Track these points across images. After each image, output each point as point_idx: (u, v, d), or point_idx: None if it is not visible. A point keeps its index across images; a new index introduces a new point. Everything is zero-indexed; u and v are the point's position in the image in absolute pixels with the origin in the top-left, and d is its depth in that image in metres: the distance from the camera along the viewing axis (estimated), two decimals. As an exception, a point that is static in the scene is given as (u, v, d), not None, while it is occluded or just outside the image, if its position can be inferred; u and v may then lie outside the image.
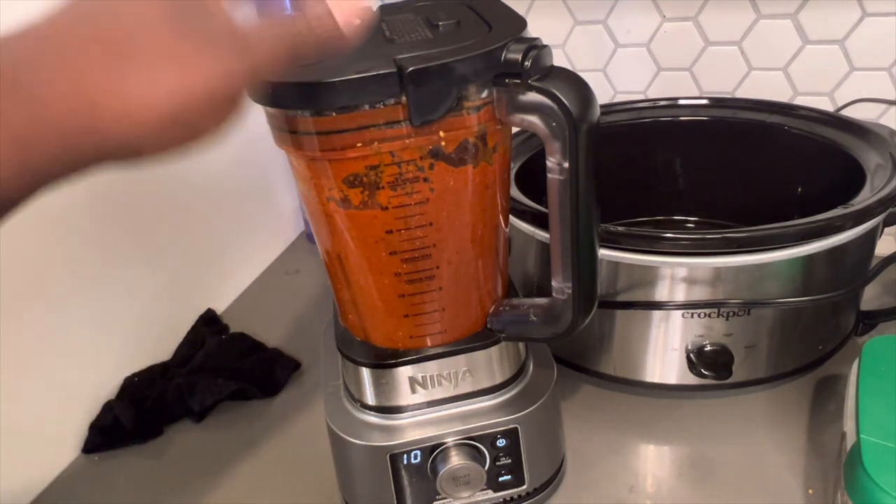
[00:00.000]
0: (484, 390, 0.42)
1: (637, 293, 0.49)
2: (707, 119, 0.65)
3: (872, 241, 0.52)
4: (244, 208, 0.76)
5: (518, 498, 0.44)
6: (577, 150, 0.32)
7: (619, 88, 0.75)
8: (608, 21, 0.71)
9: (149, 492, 0.51)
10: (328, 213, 0.35)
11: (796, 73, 0.67)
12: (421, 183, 0.34)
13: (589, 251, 0.36)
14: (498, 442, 0.42)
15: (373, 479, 0.42)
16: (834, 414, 0.50)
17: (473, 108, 0.32)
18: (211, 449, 0.55)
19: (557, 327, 0.38)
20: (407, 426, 0.41)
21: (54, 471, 0.53)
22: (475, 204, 0.36)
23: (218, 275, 0.72)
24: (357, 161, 0.33)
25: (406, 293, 0.38)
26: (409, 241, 0.35)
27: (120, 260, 0.58)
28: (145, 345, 0.62)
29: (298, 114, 0.32)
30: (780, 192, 0.62)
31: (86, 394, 0.56)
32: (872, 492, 0.36)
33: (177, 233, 0.65)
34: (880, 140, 0.55)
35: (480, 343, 0.40)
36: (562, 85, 0.31)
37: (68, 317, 0.54)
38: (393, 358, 0.40)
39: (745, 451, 0.49)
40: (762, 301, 0.48)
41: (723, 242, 0.46)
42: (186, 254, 0.67)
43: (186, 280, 0.67)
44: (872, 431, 0.39)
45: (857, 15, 0.63)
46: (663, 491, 0.47)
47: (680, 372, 0.51)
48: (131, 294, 0.60)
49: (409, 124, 0.31)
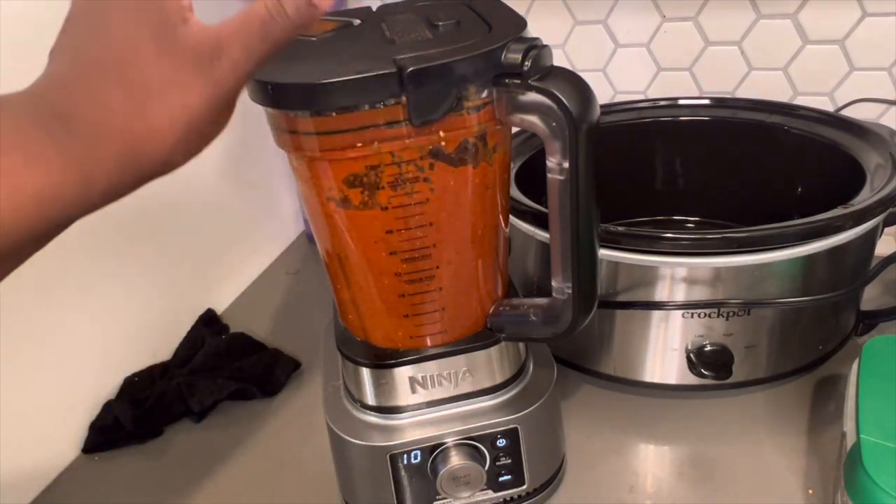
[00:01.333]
0: (484, 390, 0.42)
1: (637, 293, 0.49)
2: (707, 119, 0.65)
3: (872, 241, 0.52)
4: (244, 208, 0.76)
5: (518, 498, 0.44)
6: (577, 150, 0.32)
7: (619, 88, 0.75)
8: (608, 21, 0.71)
9: (149, 492, 0.51)
10: (328, 213, 0.35)
11: (796, 73, 0.67)
12: (421, 183, 0.34)
13: (589, 251, 0.35)
14: (498, 442, 0.42)
15: (373, 480, 0.42)
16: (834, 414, 0.50)
17: (473, 108, 0.32)
18: (211, 449, 0.55)
19: (557, 327, 0.38)
20: (407, 426, 0.41)
21: (54, 471, 0.53)
22: (475, 204, 0.36)
23: (218, 275, 0.72)
24: (357, 161, 0.33)
25: (406, 293, 0.38)
26: (408, 241, 0.35)
27: (120, 260, 0.58)
28: (145, 345, 0.62)
29: (298, 114, 0.32)
30: (780, 192, 0.62)
31: (86, 394, 0.56)
32: (872, 492, 0.36)
33: (177, 233, 0.65)
34: (880, 140, 0.55)
35: (480, 343, 0.40)
36: (562, 85, 0.31)
37: (68, 317, 0.54)
38: (393, 358, 0.40)
39: (745, 451, 0.49)
40: (762, 301, 0.48)
41: (723, 242, 0.46)
42: (186, 254, 0.67)
43: (186, 280, 0.67)
44: (872, 431, 0.39)
45: (857, 15, 0.63)
46: (663, 491, 0.47)
47: (680, 372, 0.51)
48: (131, 294, 0.60)
49: (409, 124, 0.31)
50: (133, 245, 0.60)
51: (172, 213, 0.64)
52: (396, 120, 0.31)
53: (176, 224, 0.65)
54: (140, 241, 0.61)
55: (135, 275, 0.60)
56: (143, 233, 0.61)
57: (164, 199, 0.63)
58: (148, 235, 0.62)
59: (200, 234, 0.68)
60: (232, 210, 0.73)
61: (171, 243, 0.64)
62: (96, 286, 0.56)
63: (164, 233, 0.63)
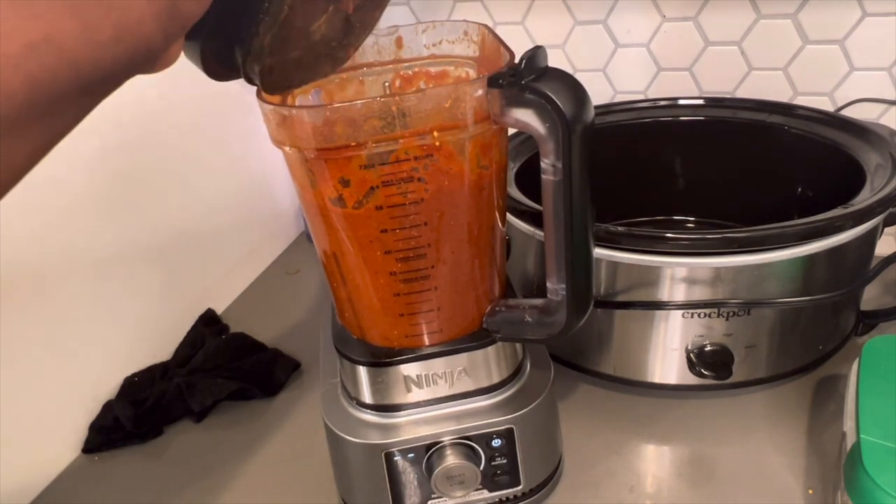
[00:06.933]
0: (480, 390, 0.42)
1: (637, 293, 0.49)
2: (707, 119, 0.65)
3: (872, 241, 0.52)
4: (244, 208, 0.76)
5: (514, 498, 0.44)
6: (571, 151, 0.32)
7: (619, 88, 0.75)
8: (608, 21, 0.71)
9: (149, 492, 0.51)
10: (324, 212, 0.35)
11: (796, 73, 0.67)
12: (416, 183, 0.34)
13: (583, 252, 0.35)
14: (493, 442, 0.42)
15: (369, 477, 0.42)
16: (834, 414, 0.50)
17: (468, 109, 0.32)
18: (211, 449, 0.55)
19: (552, 328, 0.38)
20: (403, 425, 0.41)
21: (54, 471, 0.54)
22: (470, 204, 0.36)
23: (218, 275, 0.72)
24: (352, 160, 0.33)
25: (402, 292, 0.38)
26: (404, 240, 0.36)
27: (120, 260, 0.59)
28: (145, 345, 0.62)
29: (294, 112, 0.32)
30: (780, 192, 0.62)
31: (86, 394, 0.56)
32: (872, 492, 0.36)
33: (177, 233, 0.65)
34: (880, 140, 0.55)
35: (476, 343, 0.40)
36: (556, 86, 0.31)
37: (68, 316, 0.54)
38: (389, 357, 0.40)
39: (745, 451, 0.49)
40: (762, 301, 0.48)
41: (723, 242, 0.46)
42: (186, 254, 0.67)
43: (186, 280, 0.67)
44: (872, 431, 0.39)
45: (857, 15, 0.63)
46: (663, 491, 0.46)
47: (680, 372, 0.51)
48: (131, 294, 0.60)
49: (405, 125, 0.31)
50: (133, 245, 0.60)
51: (173, 212, 0.65)
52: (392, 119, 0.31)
53: (176, 224, 0.65)
54: (140, 240, 0.61)
55: (135, 275, 0.61)
56: (143, 233, 0.61)
57: (165, 198, 0.64)
58: (148, 235, 0.62)
59: (200, 234, 0.69)
60: (232, 210, 0.74)
61: (172, 243, 0.65)
62: (96, 286, 0.56)
63: (164, 233, 0.64)
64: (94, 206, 0.56)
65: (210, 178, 0.70)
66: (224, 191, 0.72)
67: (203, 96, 0.67)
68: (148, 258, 0.62)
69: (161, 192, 0.63)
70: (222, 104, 0.70)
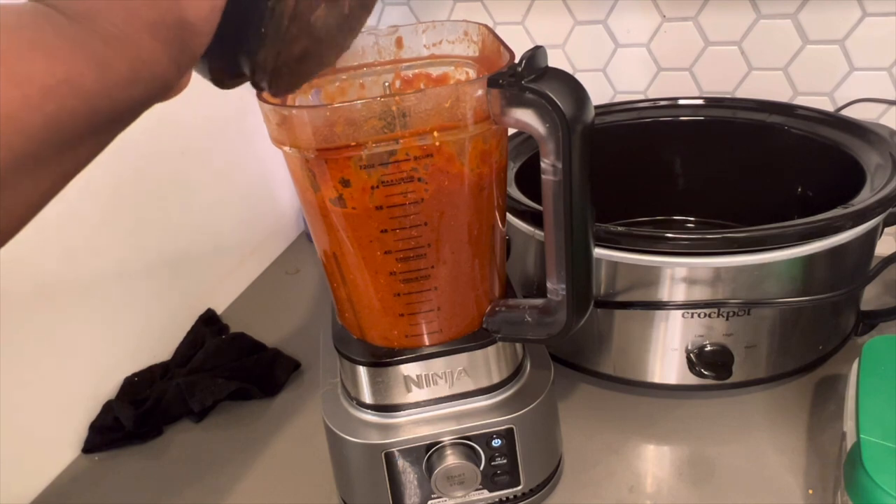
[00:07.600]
0: (480, 390, 0.42)
1: (637, 293, 0.49)
2: (707, 119, 0.65)
3: (872, 241, 0.52)
4: (244, 208, 0.76)
5: (514, 498, 0.44)
6: (571, 151, 0.32)
7: (619, 88, 0.75)
8: (608, 21, 0.71)
9: (149, 492, 0.51)
10: (324, 212, 0.35)
11: (796, 73, 0.67)
12: (416, 183, 0.34)
13: (583, 252, 0.35)
14: (493, 442, 0.42)
15: (369, 477, 0.42)
16: (834, 414, 0.50)
17: (468, 109, 0.32)
18: (211, 449, 0.55)
19: (552, 329, 0.38)
20: (403, 425, 0.41)
21: (54, 471, 0.54)
22: (470, 204, 0.36)
23: (218, 275, 0.72)
24: (352, 160, 0.33)
25: (401, 292, 0.38)
26: (403, 240, 0.36)
27: (120, 260, 0.59)
28: (145, 345, 0.62)
29: (294, 112, 0.32)
30: (780, 192, 0.62)
31: (86, 394, 0.56)
32: (872, 492, 0.36)
33: (177, 233, 0.65)
34: (880, 140, 0.55)
35: (476, 343, 0.40)
36: (555, 86, 0.31)
37: (68, 317, 0.54)
38: (389, 356, 0.40)
39: (745, 451, 0.49)
40: (762, 301, 0.48)
41: (723, 242, 0.46)
42: (186, 254, 0.67)
43: (186, 280, 0.67)
44: (872, 431, 0.39)
45: (857, 15, 0.63)
46: (663, 491, 0.46)
47: (680, 372, 0.51)
48: (131, 294, 0.60)
49: (405, 125, 0.31)
50: (133, 245, 0.60)
51: (173, 213, 0.65)
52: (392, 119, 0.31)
53: (176, 224, 0.65)
54: (140, 240, 0.61)
55: (135, 275, 0.60)
56: (143, 233, 0.61)
57: (165, 199, 0.64)
58: (148, 235, 0.62)
59: (200, 234, 0.69)
60: (232, 210, 0.74)
61: (172, 243, 0.65)
62: (96, 286, 0.56)
63: (164, 233, 0.64)
64: (95, 206, 0.56)
65: (210, 178, 0.70)
66: (224, 191, 0.72)
67: (203, 96, 0.66)
68: (148, 258, 0.62)
69: (161, 192, 0.63)
70: (223, 104, 0.70)
